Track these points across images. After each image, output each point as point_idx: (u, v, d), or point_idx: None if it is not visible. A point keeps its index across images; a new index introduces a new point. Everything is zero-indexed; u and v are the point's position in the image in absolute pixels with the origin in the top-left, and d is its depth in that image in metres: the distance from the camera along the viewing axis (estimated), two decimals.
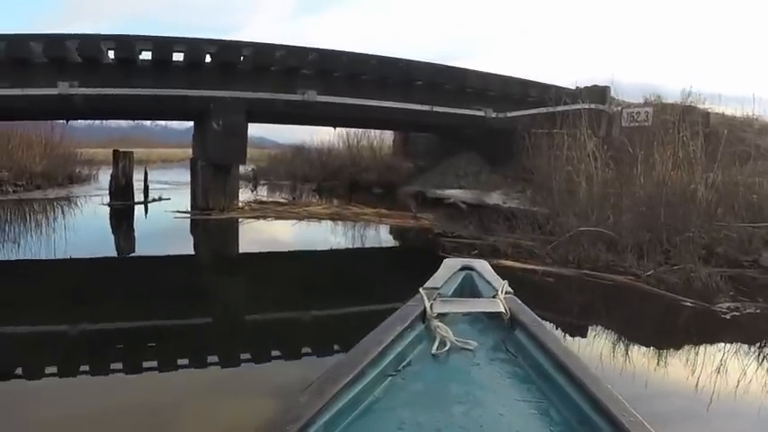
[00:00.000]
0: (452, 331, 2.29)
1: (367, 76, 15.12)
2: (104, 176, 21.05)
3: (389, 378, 2.02)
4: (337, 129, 21.75)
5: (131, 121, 25.27)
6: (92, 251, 9.47)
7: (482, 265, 2.99)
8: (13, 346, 4.82)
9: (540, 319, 2.42)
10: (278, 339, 5.25)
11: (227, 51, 13.70)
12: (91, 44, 12.89)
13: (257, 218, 13.19)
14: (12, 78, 12.54)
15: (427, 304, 2.41)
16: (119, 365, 4.29)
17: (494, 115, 16.80)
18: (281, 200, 16.49)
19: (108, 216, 14.20)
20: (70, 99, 12.98)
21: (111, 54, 13.21)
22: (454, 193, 15.68)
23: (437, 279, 2.81)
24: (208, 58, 13.68)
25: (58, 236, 10.98)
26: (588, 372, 1.87)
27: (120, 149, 16.38)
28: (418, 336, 2.31)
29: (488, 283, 2.78)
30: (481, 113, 16.70)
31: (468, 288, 2.86)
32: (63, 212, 15.29)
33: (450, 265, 3.00)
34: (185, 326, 5.52)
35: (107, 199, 15.57)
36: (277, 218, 13.23)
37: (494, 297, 2.59)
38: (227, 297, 7.14)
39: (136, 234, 12.24)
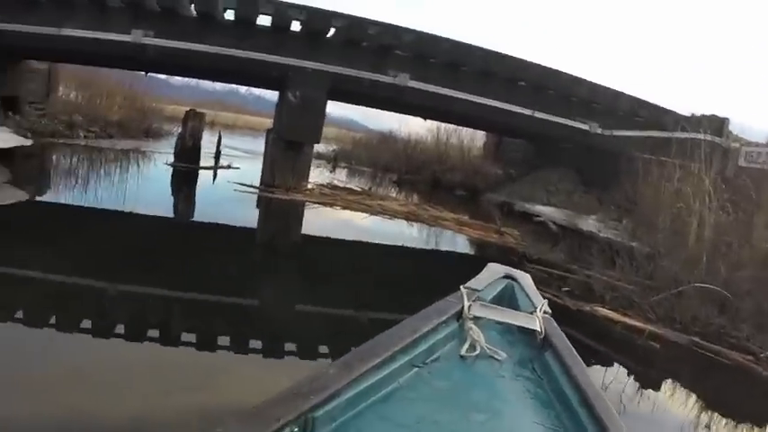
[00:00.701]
0: (484, 337, 2.31)
1: (467, 68, 13.79)
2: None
3: (416, 369, 2.06)
4: (427, 121, 20.91)
5: (225, 85, 24.41)
6: (148, 209, 9.46)
7: (525, 278, 3.01)
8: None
9: (572, 346, 2.35)
10: (323, 337, 4.99)
11: (317, 20, 12.56)
12: None
13: (324, 204, 11.93)
14: (85, 20, 11.87)
15: (466, 304, 2.45)
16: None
17: (598, 131, 15.35)
18: (356, 188, 15.15)
19: (169, 177, 13.42)
20: (143, 49, 12.24)
21: (192, 7, 12.30)
22: (545, 211, 14.24)
23: (479, 281, 2.83)
24: (295, 25, 12.63)
25: (116, 188, 11.07)
26: (610, 412, 1.84)
27: (194, 110, 15.43)
28: (451, 333, 2.34)
29: (528, 297, 2.79)
30: (585, 127, 15.24)
31: (507, 297, 2.86)
32: (126, 165, 15.02)
33: (494, 270, 3.03)
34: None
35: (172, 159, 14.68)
36: (345, 207, 11.96)
37: (532, 313, 2.58)
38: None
39: (195, 199, 11.58)
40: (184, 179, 13.34)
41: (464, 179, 21.10)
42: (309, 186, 13.09)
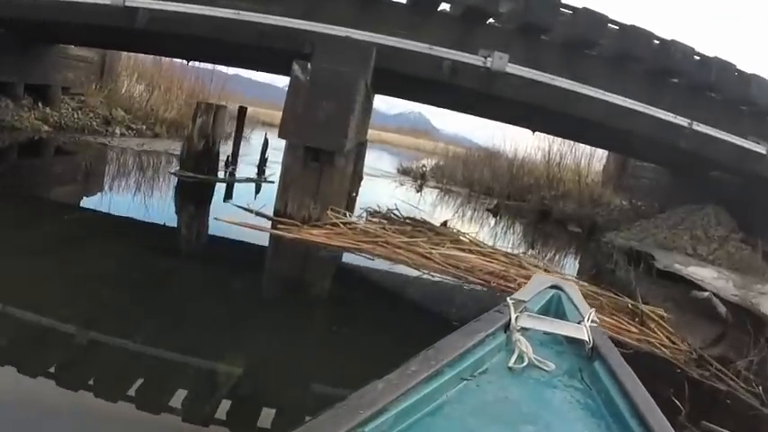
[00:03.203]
0: (532, 348, 2.35)
1: (596, 50, 9.49)
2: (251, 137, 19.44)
3: (464, 382, 2.09)
4: (536, 134, 17.05)
5: None
6: None
7: (572, 288, 3.11)
8: None
9: (621, 355, 2.37)
10: None
11: None
12: None
13: (355, 249, 7.55)
14: None
15: (513, 315, 2.51)
16: None
17: None
18: (424, 220, 9.94)
19: (162, 192, 10.11)
20: (132, 15, 8.99)
21: None
22: (704, 275, 9.74)
23: (526, 292, 2.91)
24: None
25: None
26: (663, 422, 1.85)
27: (207, 102, 12.18)
28: (498, 345, 2.41)
29: (576, 307, 2.86)
30: (762, 150, 10.63)
31: (554, 308, 2.95)
32: (124, 171, 12.14)
33: (541, 280, 3.15)
34: None
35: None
36: (388, 257, 7.48)
37: (579, 323, 2.63)
38: None
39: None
40: (184, 196, 9.83)
41: (579, 210, 17.02)
42: (348, 217, 8.64)
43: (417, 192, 18.09)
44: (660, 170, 17.09)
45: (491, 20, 9.24)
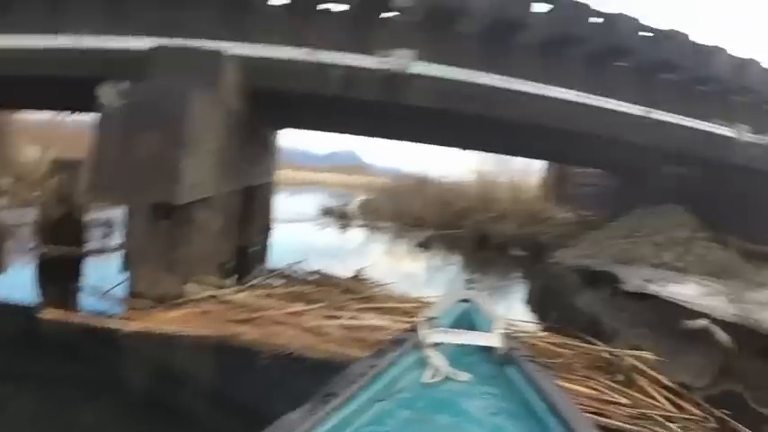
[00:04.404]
0: (447, 361, 2.40)
1: (524, 37, 7.64)
2: None
3: (380, 403, 2.09)
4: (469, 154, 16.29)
5: None
6: None
7: (481, 299, 3.08)
8: None
9: (533, 357, 2.54)
10: None
11: None
12: None
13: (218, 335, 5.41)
14: None
15: (423, 333, 2.54)
16: None
17: (748, 137, 9.11)
18: (331, 275, 7.80)
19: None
20: None
21: None
22: (687, 293, 7.90)
23: (436, 309, 2.86)
24: None
25: None
26: (579, 415, 1.95)
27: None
28: (412, 363, 2.41)
29: (485, 317, 2.88)
30: (729, 133, 9.03)
31: (465, 320, 2.94)
32: None
33: (450, 295, 3.13)
34: None
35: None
36: (262, 342, 5.32)
37: (490, 331, 2.67)
38: None
39: None
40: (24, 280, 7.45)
41: (519, 230, 15.44)
42: (230, 284, 6.56)
43: (342, 233, 16.55)
44: (603, 174, 15.62)
45: (391, 13, 7.43)
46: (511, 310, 7.80)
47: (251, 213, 9.94)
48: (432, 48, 7.15)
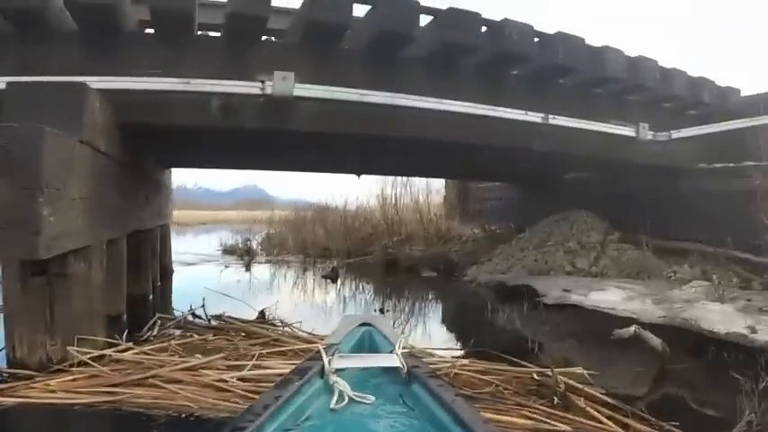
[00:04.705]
0: (351, 386, 2.39)
1: (410, 50, 7.21)
2: None
3: None
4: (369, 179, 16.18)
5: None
6: None
7: (381, 321, 3.23)
8: None
9: (435, 372, 2.70)
10: None
11: None
12: None
13: (102, 403, 4.55)
14: None
15: (326, 360, 2.55)
16: None
17: (649, 136, 8.98)
18: (233, 319, 7.20)
19: None
20: None
21: None
22: (609, 300, 7.65)
23: (336, 335, 3.00)
24: None
25: None
26: (483, 425, 1.98)
27: None
28: (317, 391, 2.43)
29: (386, 338, 2.96)
30: (629, 132, 8.85)
31: (366, 343, 3.03)
32: None
33: (350, 320, 3.23)
34: None
35: None
36: (158, 405, 4.51)
37: (391, 352, 2.72)
38: None
39: None
40: None
41: (428, 251, 15.08)
42: (113, 347, 5.68)
43: (245, 271, 15.48)
44: (506, 187, 15.46)
45: (268, 36, 6.97)
46: (426, 336, 7.37)
47: (143, 259, 9.22)
48: (314, 69, 6.64)
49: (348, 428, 2.17)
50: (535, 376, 4.89)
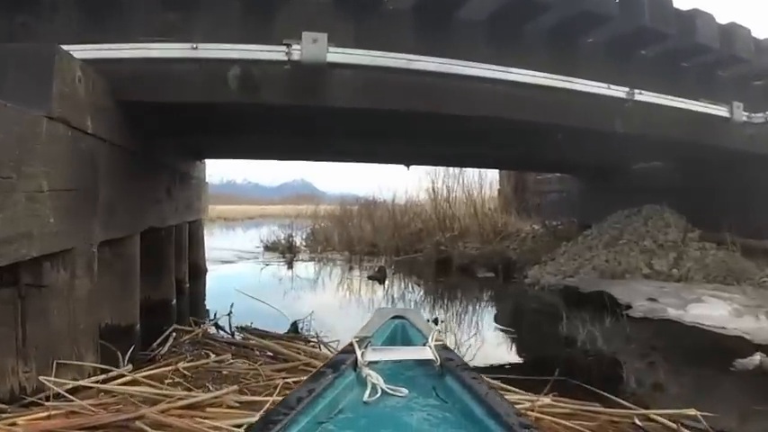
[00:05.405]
0: (384, 379, 2.33)
1: (469, 11, 5.98)
2: None
3: (322, 425, 2.05)
4: (412, 169, 13.95)
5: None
6: None
7: (414, 314, 3.12)
8: None
9: (469, 365, 2.50)
10: None
11: None
12: None
13: None
14: None
15: (358, 353, 2.46)
16: None
17: (744, 118, 7.71)
18: (262, 332, 6.03)
19: None
20: None
21: None
22: (716, 316, 6.37)
23: (369, 328, 2.87)
24: None
25: None
26: (517, 418, 1.88)
27: None
28: (350, 384, 2.35)
29: (419, 331, 2.88)
30: (723, 113, 7.57)
31: (399, 336, 2.95)
32: None
33: (383, 313, 3.13)
34: None
35: None
36: None
37: (424, 345, 2.64)
38: None
39: None
40: None
41: (484, 248, 13.96)
42: (106, 374, 4.48)
43: (288, 269, 14.63)
44: (566, 178, 14.35)
45: None
46: (492, 358, 6.20)
47: (165, 259, 8.25)
48: (352, 31, 5.55)
49: (381, 421, 2.10)
50: (637, 421, 3.71)
